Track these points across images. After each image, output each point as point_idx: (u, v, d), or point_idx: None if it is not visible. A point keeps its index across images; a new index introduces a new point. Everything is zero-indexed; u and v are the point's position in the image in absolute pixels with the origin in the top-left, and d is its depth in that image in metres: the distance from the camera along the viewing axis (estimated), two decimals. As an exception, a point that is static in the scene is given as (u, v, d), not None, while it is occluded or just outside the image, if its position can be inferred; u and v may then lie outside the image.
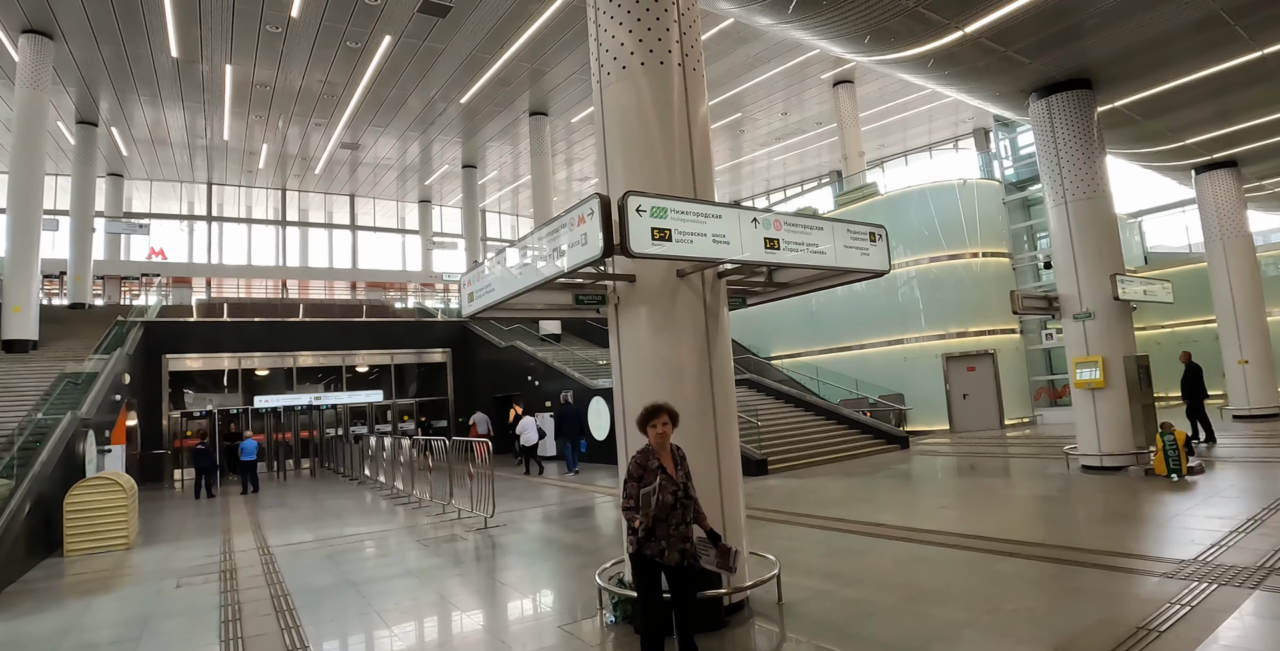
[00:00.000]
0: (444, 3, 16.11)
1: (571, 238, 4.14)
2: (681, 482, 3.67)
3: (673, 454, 3.79)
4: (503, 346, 20.23)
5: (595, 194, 3.92)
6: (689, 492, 3.70)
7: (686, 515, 3.65)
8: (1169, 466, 9.08)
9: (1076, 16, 8.80)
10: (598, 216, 3.88)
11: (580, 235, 4.05)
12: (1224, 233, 15.36)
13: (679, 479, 3.68)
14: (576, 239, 4.09)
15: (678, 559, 3.57)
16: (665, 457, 3.72)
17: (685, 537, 3.62)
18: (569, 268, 4.17)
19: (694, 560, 3.63)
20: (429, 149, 26.71)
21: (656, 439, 3.73)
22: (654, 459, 3.70)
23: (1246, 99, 11.91)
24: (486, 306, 5.48)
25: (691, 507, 3.70)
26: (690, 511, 3.69)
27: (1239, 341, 15.17)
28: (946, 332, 18.14)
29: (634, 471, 3.68)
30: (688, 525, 3.66)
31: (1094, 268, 10.31)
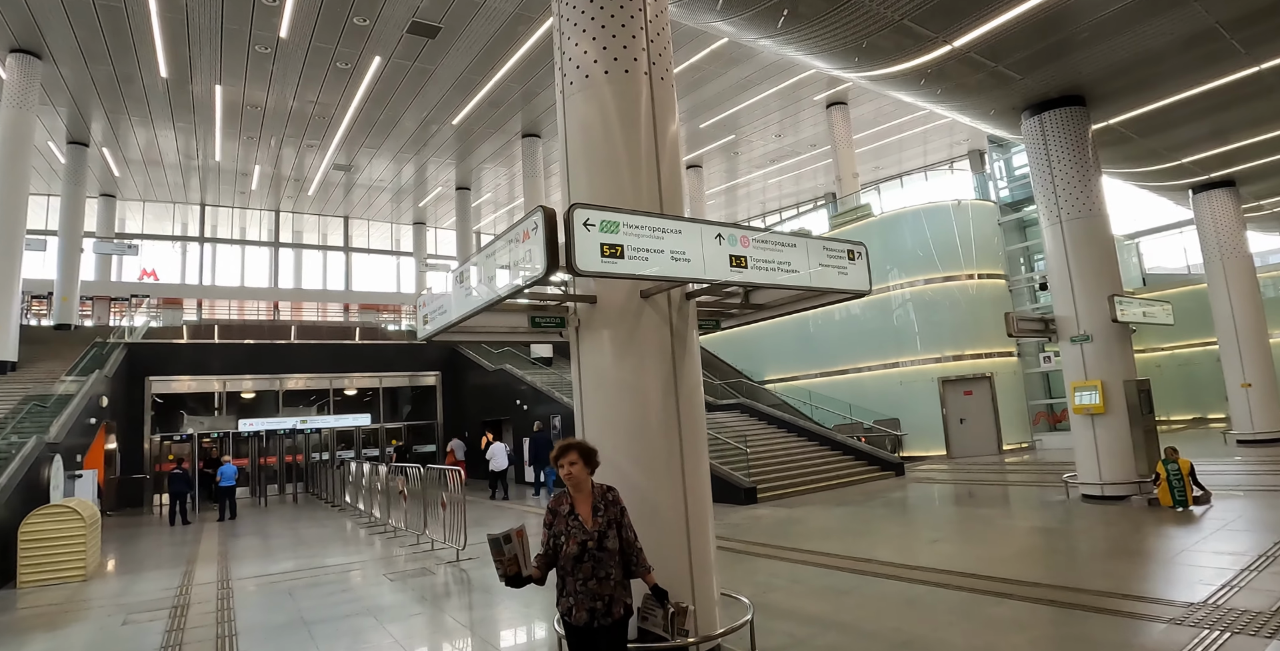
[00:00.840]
0: (433, 24, 16.03)
1: (516, 255, 3.83)
2: (597, 531, 3.17)
3: (599, 496, 3.29)
4: (492, 370, 19.88)
5: (539, 207, 3.61)
6: (604, 543, 3.15)
7: (600, 569, 3.12)
8: (1174, 497, 8.66)
9: (1068, 30, 8.59)
10: (541, 232, 3.57)
11: (525, 252, 3.74)
12: (1224, 253, 15.06)
13: (596, 526, 3.18)
14: (521, 257, 3.78)
15: (585, 618, 3.08)
16: (581, 501, 3.27)
17: (598, 595, 3.10)
18: (512, 288, 3.85)
19: (605, 619, 3.11)
20: (423, 170, 26.60)
21: (566, 479, 3.27)
22: (566, 502, 3.27)
23: (1243, 116, 11.69)
24: (440, 329, 5.16)
25: (608, 561, 3.15)
26: (606, 565, 3.15)
27: (1241, 364, 14.79)
28: (943, 356, 17.78)
29: (545, 517, 3.28)
30: (603, 581, 3.12)
31: (1091, 289, 9.99)
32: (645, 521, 4.55)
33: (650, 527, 4.55)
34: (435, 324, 5.19)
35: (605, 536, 3.16)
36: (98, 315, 26.58)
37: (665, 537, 4.54)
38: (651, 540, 4.55)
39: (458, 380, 22.46)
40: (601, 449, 4.74)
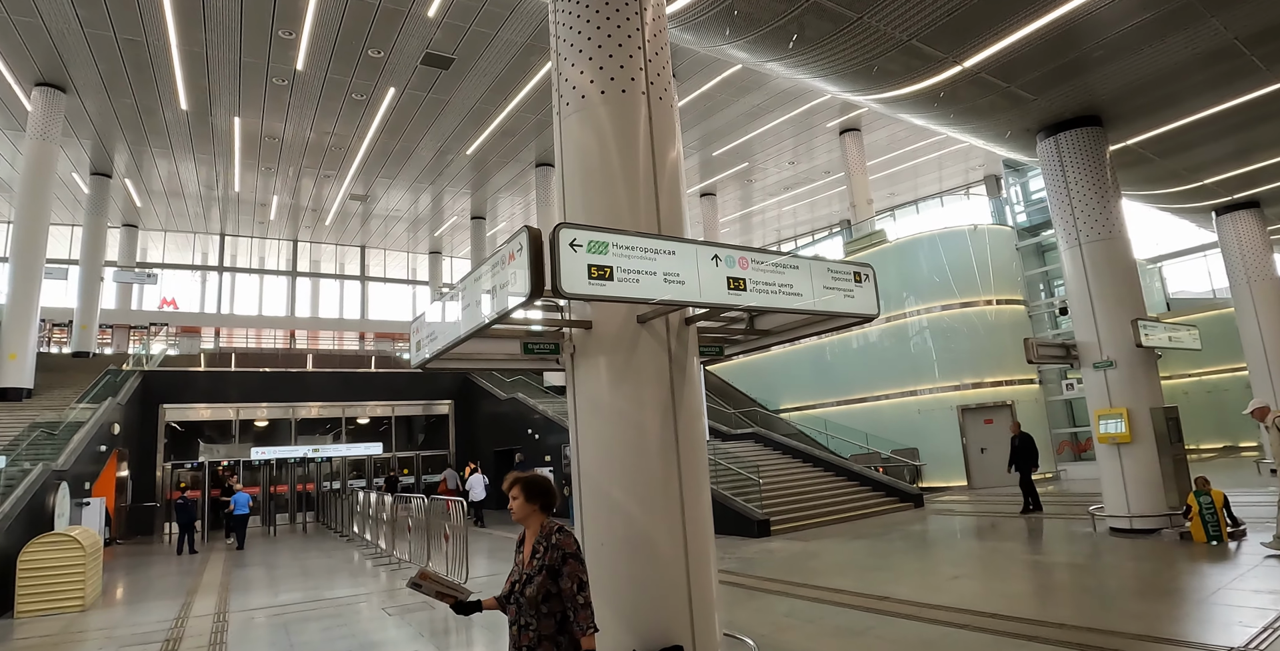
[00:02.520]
0: (446, 55, 16.24)
1: (501, 278, 3.68)
2: (525, 575, 2.85)
3: (544, 536, 2.92)
4: (504, 398, 19.72)
5: (524, 226, 3.47)
6: (524, 589, 2.82)
7: (521, 617, 2.82)
8: (1207, 531, 8.23)
9: (1081, 49, 8.44)
10: (526, 253, 3.42)
11: (510, 275, 3.59)
12: (1250, 276, 14.65)
13: (527, 569, 2.87)
14: (506, 279, 3.63)
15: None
16: (529, 538, 3.00)
17: (517, 645, 2.83)
18: (497, 312, 3.70)
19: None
20: (438, 200, 26.83)
21: (511, 513, 3.04)
22: (520, 536, 3.06)
23: (1266, 135, 11.41)
24: (432, 356, 5.00)
25: (528, 609, 2.80)
26: (526, 614, 2.80)
27: (1273, 390, 14.26)
28: (962, 383, 17.38)
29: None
30: (523, 630, 2.81)
31: (1113, 313, 9.68)
32: (641, 557, 4.32)
33: (647, 563, 4.31)
34: (426, 350, 5.04)
35: (529, 581, 2.82)
36: (117, 343, 26.86)
37: (663, 574, 4.30)
38: (648, 576, 4.32)
39: (470, 409, 22.32)
40: (596, 480, 4.57)
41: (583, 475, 4.58)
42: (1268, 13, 7.94)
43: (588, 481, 4.55)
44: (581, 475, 4.59)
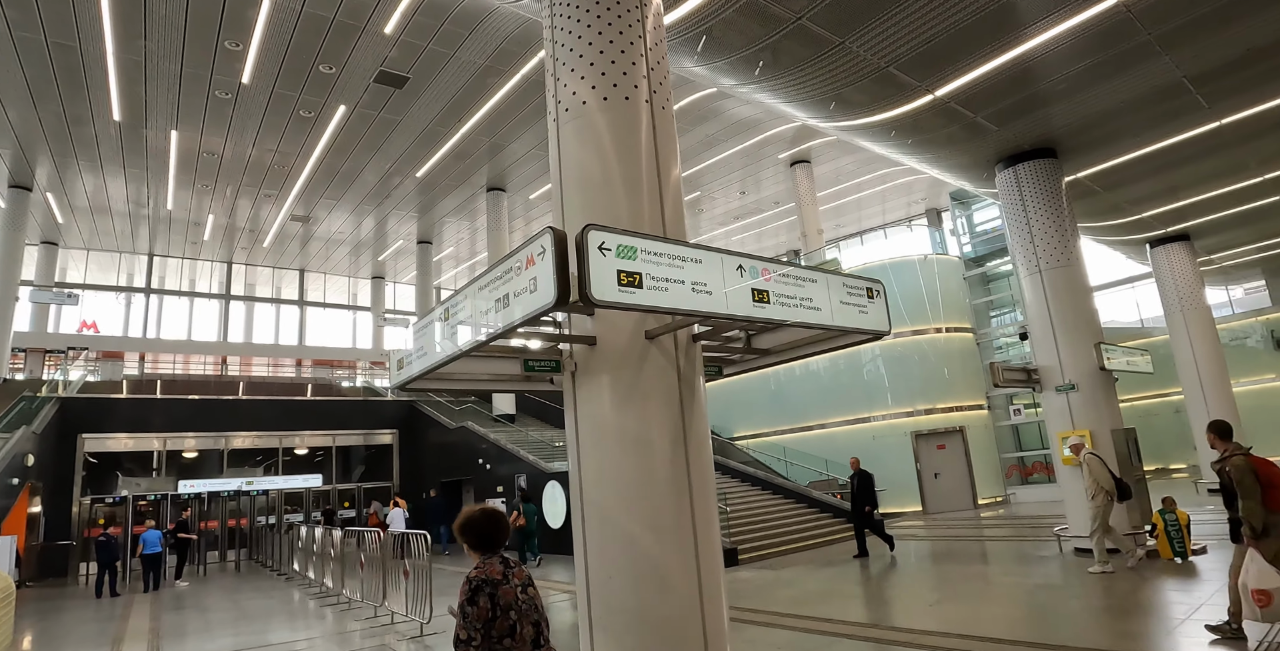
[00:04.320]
0: (401, 74, 15.87)
1: (518, 284, 3.39)
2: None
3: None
4: (453, 427, 19.01)
5: (548, 227, 3.21)
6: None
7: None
8: (1173, 549, 8.39)
9: (1044, 82, 8.74)
10: (550, 255, 3.16)
11: (529, 281, 3.31)
12: (1183, 305, 15.39)
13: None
14: (524, 286, 3.35)
15: None
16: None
17: None
18: (516, 321, 3.40)
19: None
20: (384, 223, 26.09)
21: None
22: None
23: (1200, 171, 12.07)
24: (418, 374, 4.63)
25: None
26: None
27: (1208, 413, 14.89)
28: (914, 409, 17.63)
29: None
30: None
31: (1074, 337, 9.92)
32: (654, 590, 4.01)
33: (659, 597, 4.00)
34: (413, 368, 4.67)
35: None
36: (31, 368, 24.93)
37: (677, 609, 4.00)
38: (661, 612, 4.00)
39: (416, 438, 21.44)
40: (603, 508, 4.25)
41: (586, 502, 4.26)
42: (1216, 52, 8.40)
43: (593, 509, 4.23)
44: (585, 502, 4.27)
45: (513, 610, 2.60)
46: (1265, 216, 14.90)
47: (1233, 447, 5.28)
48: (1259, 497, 4.95)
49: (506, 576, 2.68)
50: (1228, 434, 5.39)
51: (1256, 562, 4.89)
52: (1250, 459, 5.13)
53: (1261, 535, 4.91)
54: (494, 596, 2.59)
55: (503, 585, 2.64)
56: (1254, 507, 4.94)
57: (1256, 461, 5.11)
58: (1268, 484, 5.00)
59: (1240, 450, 5.24)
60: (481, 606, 2.56)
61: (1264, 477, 5.02)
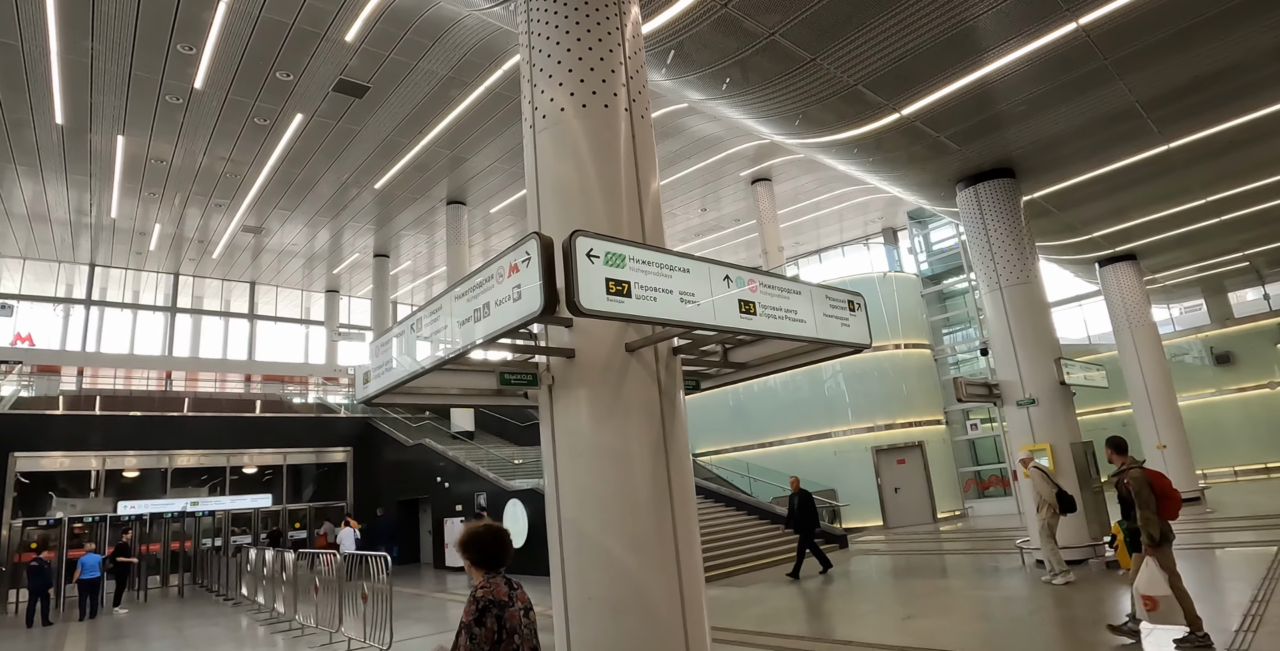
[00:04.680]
0: (361, 83, 15.57)
1: (500, 292, 3.24)
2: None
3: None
4: (410, 444, 18.50)
5: (534, 233, 3.07)
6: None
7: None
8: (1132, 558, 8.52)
9: (1006, 104, 8.95)
10: (536, 262, 3.02)
11: (512, 289, 3.16)
12: (1131, 322, 15.89)
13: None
14: (506, 294, 3.19)
15: None
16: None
17: None
18: (498, 330, 3.24)
19: None
20: (339, 236, 25.49)
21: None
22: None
23: (1148, 194, 12.52)
24: (385, 388, 4.42)
25: None
26: None
27: (1155, 427, 15.36)
28: (875, 425, 17.79)
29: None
30: None
31: (1034, 352, 10.12)
32: (635, 613, 3.85)
33: (642, 621, 3.85)
34: (380, 382, 4.45)
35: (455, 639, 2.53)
36: (-46, 385, 23.52)
37: (658, 633, 3.85)
38: (643, 637, 3.84)
39: (371, 456, 20.80)
40: (582, 527, 4.07)
41: (565, 521, 4.09)
42: (1169, 77, 8.72)
43: (570, 528, 4.06)
44: (563, 521, 4.09)
45: (516, 634, 2.50)
46: (1205, 238, 15.54)
47: (1129, 461, 5.63)
48: (1155, 508, 5.24)
49: (512, 598, 2.59)
50: (1124, 449, 5.71)
51: (1149, 569, 5.21)
52: (1146, 472, 5.42)
53: (1159, 543, 5.21)
54: (500, 618, 2.48)
55: (509, 607, 2.55)
56: (1151, 517, 5.23)
57: (1151, 474, 5.42)
58: (1162, 495, 5.33)
59: (1136, 464, 5.54)
60: (489, 628, 2.45)
61: (1159, 489, 5.34)
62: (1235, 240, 16.36)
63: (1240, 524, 11.49)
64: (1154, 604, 5.12)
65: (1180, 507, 5.38)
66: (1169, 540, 5.29)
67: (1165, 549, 5.25)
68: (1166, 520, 5.29)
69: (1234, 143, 10.81)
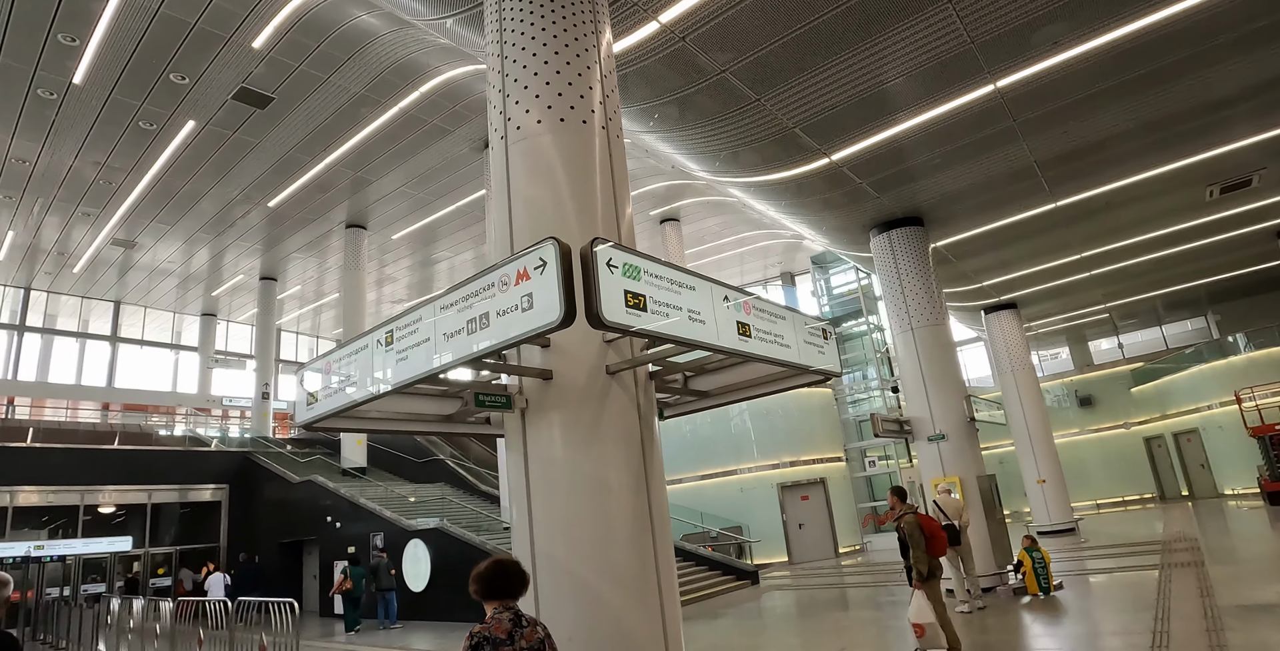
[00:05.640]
0: (264, 93, 14.70)
1: (504, 301, 2.98)
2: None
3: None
4: (296, 481, 17.09)
5: (550, 238, 2.85)
6: None
7: None
8: (1040, 585, 8.97)
9: (925, 156, 9.52)
10: (555, 268, 2.79)
11: (520, 298, 2.91)
12: (1014, 366, 17.11)
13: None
14: (513, 303, 2.94)
15: None
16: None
17: None
18: (506, 342, 2.96)
19: None
20: (222, 255, 23.72)
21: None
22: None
23: (1033, 247, 13.63)
24: (332, 411, 3.97)
25: None
26: None
27: (1036, 463, 16.46)
28: (780, 462, 18.10)
29: None
30: None
31: (943, 390, 10.61)
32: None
33: (625, 662, 3.57)
34: (327, 404, 3.99)
35: None
36: None
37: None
38: (625, 681, 3.56)
39: (251, 494, 19.01)
40: (560, 561, 3.76)
41: (539, 556, 3.77)
42: (1064, 141, 9.57)
43: (547, 562, 3.75)
44: (537, 556, 3.77)
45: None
46: (1076, 290, 17.09)
47: (906, 508, 6.28)
48: (925, 547, 5.93)
49: (513, 637, 2.41)
50: (904, 496, 6.50)
51: (917, 600, 5.85)
52: (918, 516, 6.15)
53: (927, 578, 5.88)
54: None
55: (504, 645, 2.39)
56: (921, 556, 5.90)
57: (923, 519, 6.17)
58: (931, 536, 6.04)
59: (910, 510, 6.24)
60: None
61: (928, 531, 6.06)
62: (1099, 293, 18.09)
63: (1117, 551, 12.35)
64: (922, 630, 5.75)
65: (946, 546, 6.12)
66: (935, 576, 5.95)
67: (933, 583, 5.89)
68: (935, 558, 5.96)
69: (1109, 204, 11.99)
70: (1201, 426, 20.43)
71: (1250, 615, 6.65)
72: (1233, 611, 6.76)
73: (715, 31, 6.82)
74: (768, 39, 7.00)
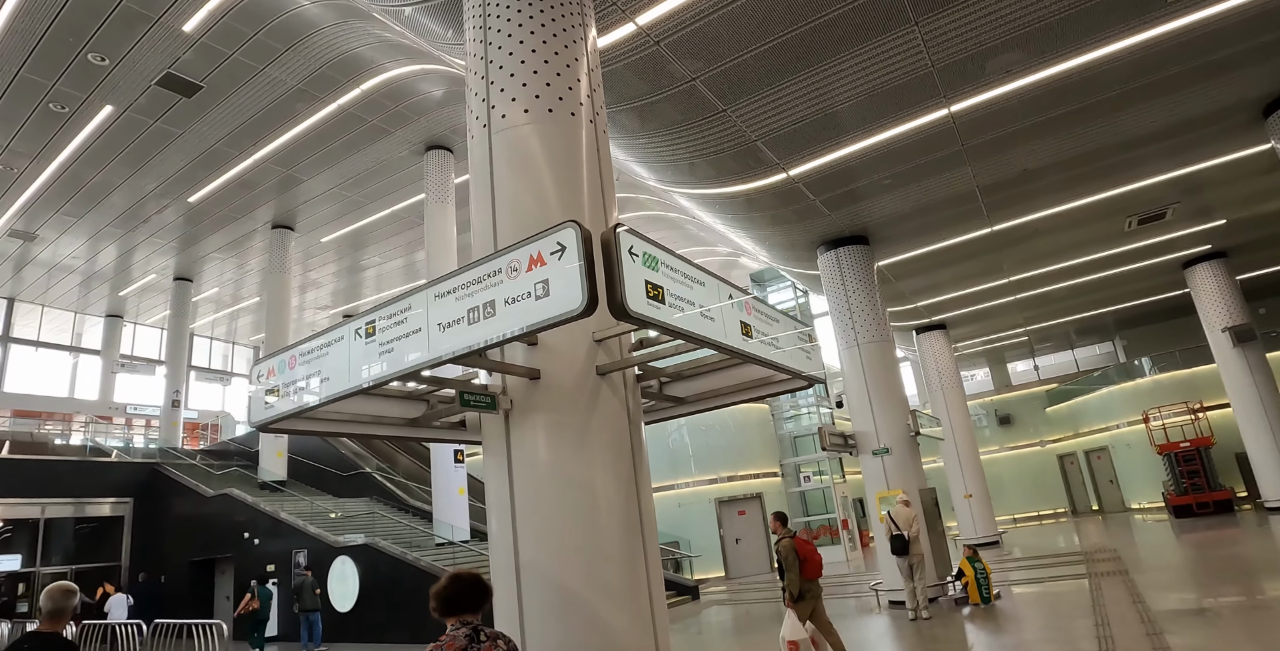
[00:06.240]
0: (192, 81, 13.87)
1: (515, 288, 2.77)
2: None
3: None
4: (210, 495, 15.96)
5: (570, 221, 2.67)
6: None
7: None
8: (982, 595, 9.20)
9: (877, 175, 9.75)
10: (576, 253, 2.61)
11: (534, 284, 2.71)
12: (943, 384, 17.70)
13: None
14: (524, 290, 2.74)
15: None
16: None
17: None
18: (515, 333, 2.75)
19: None
20: (132, 253, 22.21)
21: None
22: None
23: (967, 270, 14.18)
24: (295, 411, 3.63)
25: None
26: None
27: (963, 479, 17.02)
28: (718, 477, 18.13)
29: None
30: None
31: (888, 405, 10.82)
32: (609, 672, 3.36)
33: (617, 681, 3.36)
34: (291, 401, 3.65)
35: None
36: None
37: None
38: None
39: (158, 509, 17.60)
40: (547, 572, 3.52)
41: (525, 568, 3.53)
42: (1005, 167, 9.98)
43: (533, 574, 3.51)
44: (522, 568, 3.53)
45: None
46: (998, 314, 17.89)
47: (785, 533, 6.60)
48: (799, 570, 6.27)
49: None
50: (785, 521, 6.80)
51: (791, 619, 6.18)
52: (794, 540, 6.47)
53: (798, 599, 6.23)
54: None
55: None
56: (794, 578, 6.24)
57: (799, 542, 6.49)
58: (806, 559, 6.35)
59: (788, 534, 6.58)
60: None
61: (803, 555, 6.37)
62: (1021, 317, 18.98)
63: (1043, 563, 12.83)
64: (795, 646, 6.08)
65: (820, 568, 6.43)
66: (804, 597, 6.29)
67: (802, 604, 6.24)
68: (809, 579, 6.32)
69: (1039, 231, 12.59)
70: (1111, 444, 21.66)
71: (1183, 619, 6.97)
72: (1167, 616, 7.07)
73: (690, 38, 6.80)
74: (741, 49, 7.02)
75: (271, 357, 3.85)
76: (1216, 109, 9.30)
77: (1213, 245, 15.01)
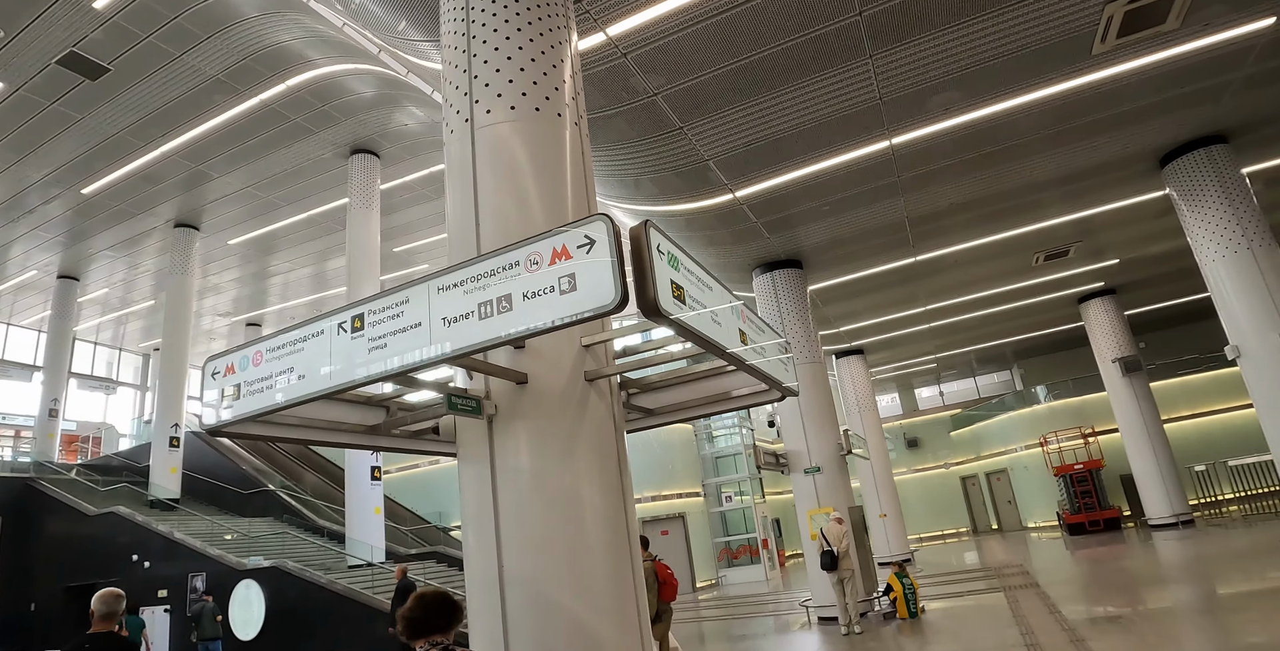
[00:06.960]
0: (98, 62, 12.88)
1: (535, 282, 2.64)
2: None
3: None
4: (94, 514, 14.54)
5: (600, 214, 2.58)
6: None
7: None
8: (910, 609, 9.48)
9: (817, 201, 10.07)
10: (607, 247, 2.53)
11: (557, 278, 2.60)
12: (860, 407, 18.33)
13: None
14: (547, 284, 2.62)
15: None
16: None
17: None
18: (536, 328, 2.62)
19: None
20: (10, 246, 20.31)
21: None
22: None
23: (887, 298, 14.82)
24: (260, 411, 3.34)
25: None
26: None
27: (879, 499, 17.59)
28: (642, 496, 18.02)
29: None
30: None
31: (821, 425, 11.09)
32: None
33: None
34: (256, 401, 3.35)
35: None
36: None
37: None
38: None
39: (31, 529, 15.83)
40: (536, 585, 3.38)
41: (510, 582, 3.36)
42: (934, 200, 10.52)
43: (518, 586, 3.35)
44: (507, 582, 3.36)
45: None
46: (909, 342, 18.78)
47: (647, 555, 6.80)
48: (657, 592, 6.59)
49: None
50: (646, 545, 6.92)
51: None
52: (655, 564, 6.84)
53: (655, 620, 6.43)
54: None
55: None
56: (651, 599, 6.37)
57: (659, 566, 6.87)
58: (664, 582, 6.74)
59: (650, 558, 6.85)
60: None
61: (662, 577, 6.77)
62: (931, 345, 19.97)
63: (956, 578, 13.37)
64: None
65: (676, 590, 6.84)
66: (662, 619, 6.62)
67: (659, 625, 6.53)
68: (666, 601, 6.69)
69: (956, 262, 13.30)
70: (1010, 467, 22.97)
71: (1101, 626, 7.40)
72: (1084, 624, 7.48)
73: (657, 52, 6.85)
74: (704, 68, 7.13)
75: (232, 353, 3.54)
76: (1121, 157, 10.14)
77: (1105, 282, 16.29)
